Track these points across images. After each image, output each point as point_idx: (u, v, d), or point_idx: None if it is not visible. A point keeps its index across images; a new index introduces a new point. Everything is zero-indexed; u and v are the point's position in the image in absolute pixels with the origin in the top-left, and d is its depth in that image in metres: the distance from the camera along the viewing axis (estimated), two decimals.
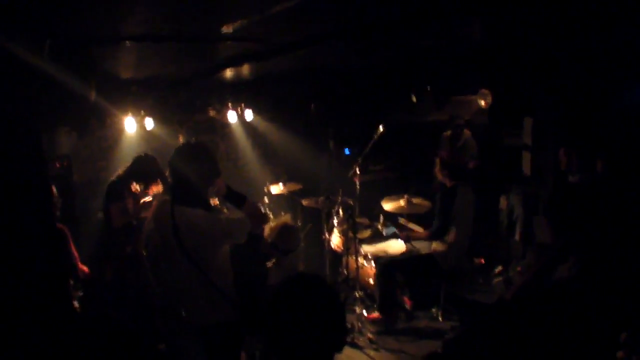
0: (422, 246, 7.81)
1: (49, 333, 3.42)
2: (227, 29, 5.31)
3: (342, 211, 8.65)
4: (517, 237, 9.02)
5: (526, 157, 9.48)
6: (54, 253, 3.65)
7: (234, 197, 4.85)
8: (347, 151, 11.24)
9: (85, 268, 6.39)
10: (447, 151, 9.94)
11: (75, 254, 6.26)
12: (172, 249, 4.58)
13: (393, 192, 8.67)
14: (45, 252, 3.45)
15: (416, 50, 7.78)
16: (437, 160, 7.75)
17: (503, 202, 9.49)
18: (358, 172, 8.87)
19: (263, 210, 7.40)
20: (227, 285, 4.74)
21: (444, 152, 7.66)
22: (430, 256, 7.56)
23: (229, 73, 8.23)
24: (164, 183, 6.25)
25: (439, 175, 7.77)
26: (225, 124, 10.37)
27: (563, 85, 7.82)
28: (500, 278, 8.64)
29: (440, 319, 7.86)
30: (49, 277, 3.48)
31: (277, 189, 9.29)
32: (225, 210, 5.63)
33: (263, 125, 10.63)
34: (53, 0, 3.71)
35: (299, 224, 9.39)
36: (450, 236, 7.68)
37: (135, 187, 7.17)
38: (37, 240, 3.38)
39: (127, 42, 5.28)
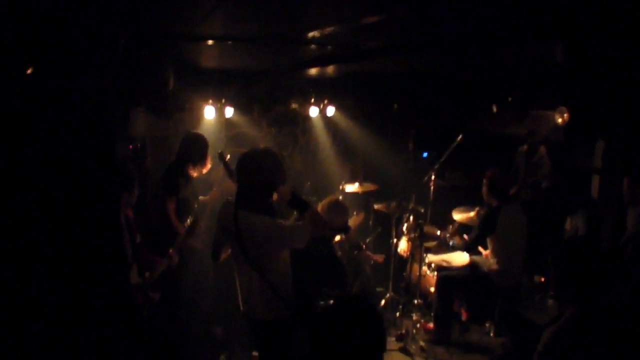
0: (483, 262, 7.66)
1: (109, 322, 3.42)
2: (312, 34, 5.26)
3: (413, 218, 8.54)
4: None
5: (595, 180, 9.23)
6: (117, 246, 3.64)
7: (298, 204, 4.81)
8: (425, 154, 11.10)
9: (151, 254, 6.29)
10: (522, 166, 9.76)
11: (139, 238, 6.14)
12: (234, 249, 4.81)
13: (466, 202, 8.56)
14: (106, 245, 3.43)
15: (500, 64, 7.62)
16: (485, 181, 7.54)
17: (569, 223, 9.27)
18: (433, 178, 8.80)
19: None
20: (285, 287, 4.83)
21: (490, 171, 7.43)
22: (488, 275, 7.41)
23: (312, 70, 8.19)
24: (226, 168, 6.02)
25: (486, 195, 7.57)
26: (307, 117, 10.30)
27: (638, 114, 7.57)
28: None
29: (492, 334, 7.77)
30: (109, 270, 3.46)
31: (352, 187, 9.21)
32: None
33: (344, 122, 10.54)
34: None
35: (370, 225, 9.34)
36: (493, 254, 7.49)
37: (193, 171, 6.96)
38: (99, 234, 3.36)
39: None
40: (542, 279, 8.87)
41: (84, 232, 3.23)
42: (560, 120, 8.44)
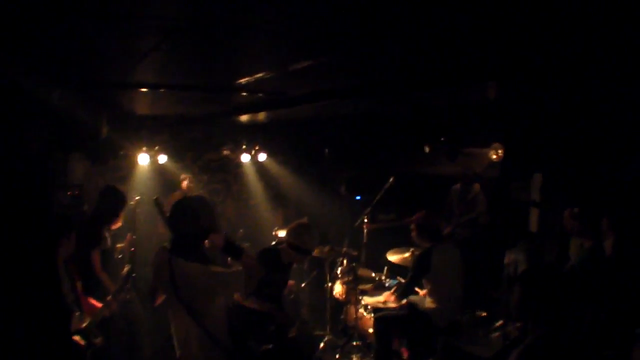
0: (420, 301, 7.75)
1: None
2: (243, 80, 5.35)
3: (346, 262, 8.61)
4: None
5: (534, 214, 9.42)
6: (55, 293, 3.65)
7: (232, 250, 4.84)
8: (358, 197, 11.22)
9: (92, 300, 6.25)
10: (456, 204, 9.94)
11: (79, 285, 6.11)
12: (169, 295, 4.69)
13: (401, 243, 8.59)
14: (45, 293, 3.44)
15: (431, 105, 7.80)
16: (412, 226, 7.66)
17: (508, 257, 9.42)
18: (366, 221, 8.89)
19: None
20: (221, 333, 4.73)
21: (417, 215, 7.54)
22: (426, 313, 7.48)
23: (244, 116, 8.27)
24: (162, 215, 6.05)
25: (416, 238, 7.69)
26: (239, 164, 10.37)
27: (574, 145, 7.79)
28: (499, 332, 8.54)
29: None
30: (49, 309, 3.47)
31: (285, 233, 9.25)
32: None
33: (276, 168, 10.65)
34: (69, 47, 3.75)
35: (305, 269, 9.37)
36: (430, 294, 7.58)
37: (115, 224, 6.96)
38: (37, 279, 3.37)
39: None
40: (484, 314, 8.99)
41: (21, 280, 3.24)
42: (495, 156, 8.64)
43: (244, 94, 6.19)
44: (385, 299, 7.69)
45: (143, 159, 8.34)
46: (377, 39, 3.70)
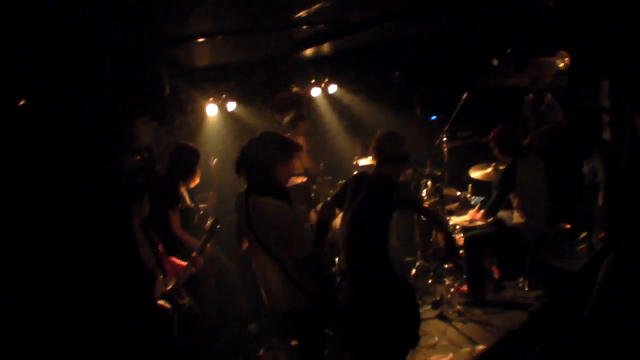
0: (508, 217, 7.59)
1: (130, 331, 3.40)
2: (301, 13, 5.19)
3: (430, 183, 8.46)
4: (600, 201, 8.68)
5: (606, 120, 9.10)
6: (133, 256, 3.63)
7: None
8: (433, 117, 11.03)
9: (175, 260, 6.28)
10: (531, 115, 9.66)
11: (161, 246, 6.13)
12: (250, 239, 4.77)
13: (482, 159, 8.44)
14: (123, 256, 3.41)
15: (493, 18, 7.55)
16: (492, 143, 7.44)
17: (587, 166, 9.15)
18: (445, 140, 8.77)
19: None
20: (303, 275, 4.71)
21: (495, 131, 7.33)
22: (515, 229, 7.32)
23: (308, 50, 8.12)
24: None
25: (498, 155, 7.48)
26: (310, 99, 10.24)
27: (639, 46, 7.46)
28: (585, 244, 8.34)
29: (526, 288, 7.69)
30: (128, 278, 3.45)
31: (366, 161, 9.16)
32: None
33: (347, 98, 10.51)
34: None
35: None
36: (518, 209, 7.39)
37: (192, 182, 6.96)
38: (115, 244, 3.34)
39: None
40: (569, 226, 8.80)
41: (99, 252, 3.20)
42: (562, 65, 8.38)
43: (305, 27, 6.03)
44: (472, 217, 7.57)
45: (211, 110, 8.27)
46: None
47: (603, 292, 3.59)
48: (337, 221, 6.11)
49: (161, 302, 5.61)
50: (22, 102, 3.12)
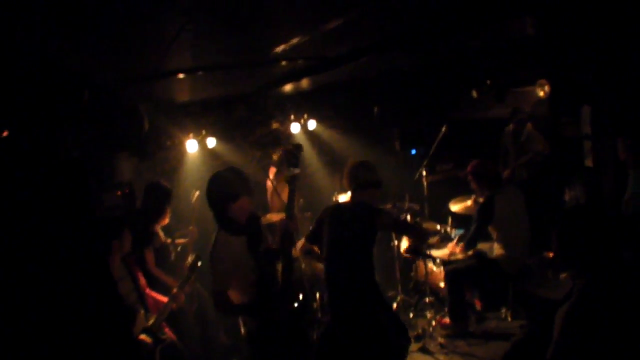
0: (488, 249, 7.61)
1: None
2: (279, 49, 5.23)
3: (410, 217, 8.48)
4: None
5: (587, 147, 9.20)
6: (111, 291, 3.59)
7: None
8: (413, 151, 11.09)
9: (157, 295, 6.26)
10: (511, 146, 9.74)
11: (143, 281, 6.12)
12: None
13: (462, 192, 8.47)
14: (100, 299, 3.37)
15: (472, 49, 7.62)
16: (469, 177, 7.50)
17: (567, 194, 9.23)
18: (425, 174, 8.76)
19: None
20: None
21: (472, 165, 7.40)
22: (495, 261, 7.35)
23: (288, 86, 8.16)
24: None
25: (475, 189, 7.55)
26: (289, 135, 10.28)
27: (619, 71, 7.54)
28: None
29: (509, 318, 7.69)
30: (107, 312, 3.41)
31: (345, 196, 9.17)
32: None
33: (327, 134, 10.56)
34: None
35: None
36: (497, 241, 7.43)
37: (162, 221, 7.00)
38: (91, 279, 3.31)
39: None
40: (551, 255, 8.84)
41: (74, 288, 3.17)
42: (542, 93, 8.45)
43: (284, 63, 6.07)
44: (451, 250, 7.59)
45: (191, 146, 8.28)
46: None
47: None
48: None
49: (142, 336, 5.58)
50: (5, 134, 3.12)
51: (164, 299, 6.02)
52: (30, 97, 3.25)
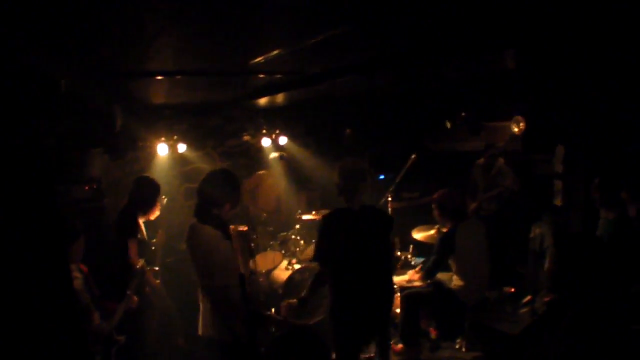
0: (447, 279, 7.67)
1: None
2: (258, 60, 5.26)
3: None
4: (546, 267, 8.83)
5: (557, 186, 9.32)
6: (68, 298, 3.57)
7: None
8: (381, 177, 11.15)
9: (113, 305, 6.22)
10: (480, 179, 9.84)
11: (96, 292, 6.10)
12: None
13: (426, 221, 8.53)
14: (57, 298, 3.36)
15: (451, 79, 7.69)
16: (433, 205, 7.57)
17: (534, 231, 9.32)
18: (390, 200, 8.79)
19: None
20: (228, 307, 4.89)
21: (438, 194, 7.46)
22: (452, 291, 7.40)
23: (263, 99, 8.19)
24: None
25: (438, 218, 7.60)
26: (260, 149, 10.30)
27: (596, 116, 7.66)
28: (527, 308, 8.45)
29: (463, 349, 7.64)
30: (62, 320, 3.39)
31: (309, 216, 9.20)
32: None
33: (297, 151, 10.57)
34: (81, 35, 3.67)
35: None
36: (456, 273, 7.49)
37: (152, 214, 6.98)
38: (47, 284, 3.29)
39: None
40: (512, 290, 8.91)
41: (29, 279, 3.16)
42: (516, 129, 8.53)
43: (262, 76, 6.12)
44: (410, 277, 7.61)
45: (162, 150, 8.30)
46: (391, 8, 3.59)
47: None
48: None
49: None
50: None
51: (117, 305, 6.02)
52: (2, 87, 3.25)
